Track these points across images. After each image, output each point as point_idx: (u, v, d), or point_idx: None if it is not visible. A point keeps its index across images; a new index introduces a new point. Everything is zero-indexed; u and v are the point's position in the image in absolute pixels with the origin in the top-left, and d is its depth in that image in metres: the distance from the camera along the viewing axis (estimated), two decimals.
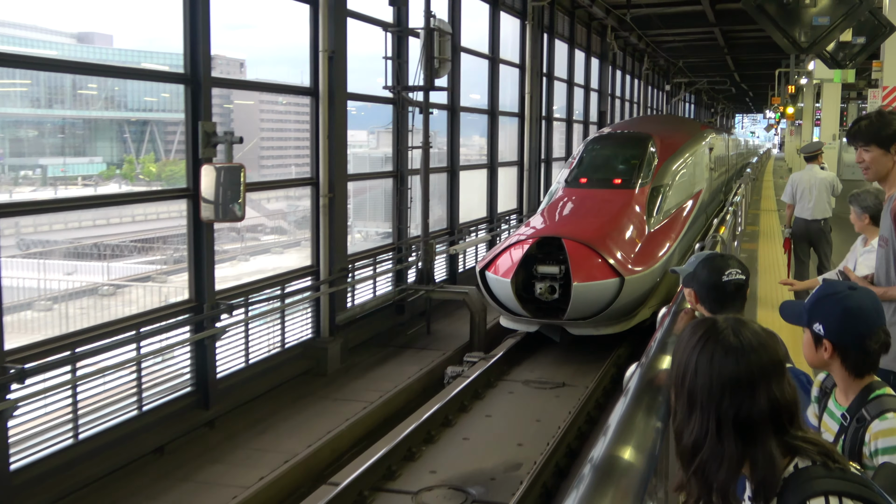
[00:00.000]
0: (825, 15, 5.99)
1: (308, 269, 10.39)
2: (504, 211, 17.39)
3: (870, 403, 2.33)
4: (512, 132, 18.21)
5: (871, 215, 5.20)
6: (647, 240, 10.55)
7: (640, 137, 12.66)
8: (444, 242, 14.12)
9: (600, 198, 11.16)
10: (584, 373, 10.05)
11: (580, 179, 11.88)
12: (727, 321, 1.83)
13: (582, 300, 9.55)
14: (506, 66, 17.21)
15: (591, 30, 24.26)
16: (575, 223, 10.40)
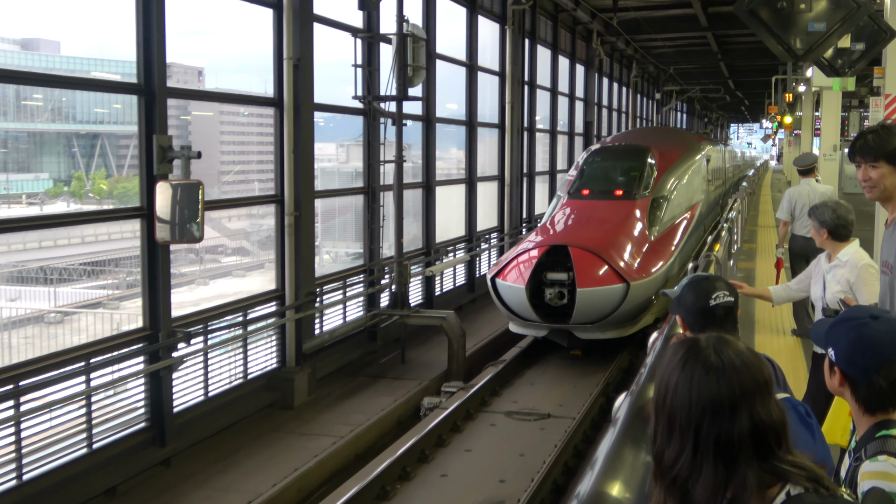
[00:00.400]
0: (821, 20, 6.09)
1: (272, 293, 10.36)
2: (484, 229, 17.46)
3: (872, 442, 2.34)
4: (492, 145, 18.32)
5: (829, 230, 5.34)
6: (649, 248, 11.78)
7: (638, 150, 13.91)
8: (420, 263, 14.14)
9: (603, 208, 12.42)
10: (570, 402, 10.08)
11: (582, 191, 13.07)
12: (709, 340, 1.86)
13: (587, 305, 10.63)
14: (485, 74, 17.33)
15: (575, 35, 24.50)
16: (581, 232, 11.62)
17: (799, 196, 10.09)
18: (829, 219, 5.32)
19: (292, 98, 10.21)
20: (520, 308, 11.14)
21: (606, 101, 30.06)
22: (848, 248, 5.28)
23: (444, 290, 15.34)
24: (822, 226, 5.36)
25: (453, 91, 16.50)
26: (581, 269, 10.71)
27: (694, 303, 3.14)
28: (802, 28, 6.26)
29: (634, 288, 10.74)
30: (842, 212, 5.32)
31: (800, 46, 6.26)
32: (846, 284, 5.19)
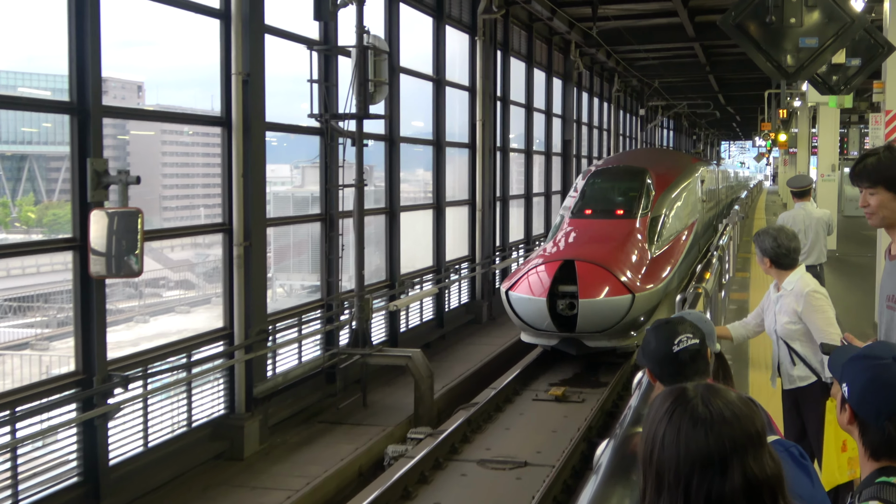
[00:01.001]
0: (813, 35, 6.23)
1: (220, 331, 10.33)
2: (454, 259, 17.54)
3: (869, 487, 2.39)
4: (462, 166, 18.45)
5: (771, 259, 5.47)
6: (650, 263, 13.87)
7: (636, 171, 16.01)
8: (383, 297, 14.16)
9: (605, 227, 14.52)
10: (549, 449, 10.11)
11: (585, 211, 15.17)
12: (697, 389, 1.90)
13: (596, 314, 12.62)
14: (453, 90, 17.49)
15: (552, 46, 24.79)
16: (590, 248, 13.65)
17: (793, 221, 10.28)
18: (769, 247, 5.47)
19: (241, 116, 10.25)
20: (537, 318, 13.05)
21: (586, 117, 30.39)
22: (791, 277, 5.43)
23: (409, 327, 15.35)
24: (763, 254, 5.52)
25: (419, 108, 16.62)
26: (592, 281, 12.77)
27: (656, 349, 3.17)
28: (793, 44, 6.40)
29: (639, 299, 12.81)
30: (783, 239, 5.46)
31: (791, 63, 6.39)
32: (794, 315, 5.33)
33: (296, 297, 13.29)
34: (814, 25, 6.43)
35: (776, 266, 5.47)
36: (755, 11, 6.36)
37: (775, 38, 6.43)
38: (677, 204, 15.87)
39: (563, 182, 26.70)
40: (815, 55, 6.36)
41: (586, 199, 15.45)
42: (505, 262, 20.24)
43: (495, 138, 19.40)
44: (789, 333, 5.39)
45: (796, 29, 6.39)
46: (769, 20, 6.37)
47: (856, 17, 6.50)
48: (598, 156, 32.63)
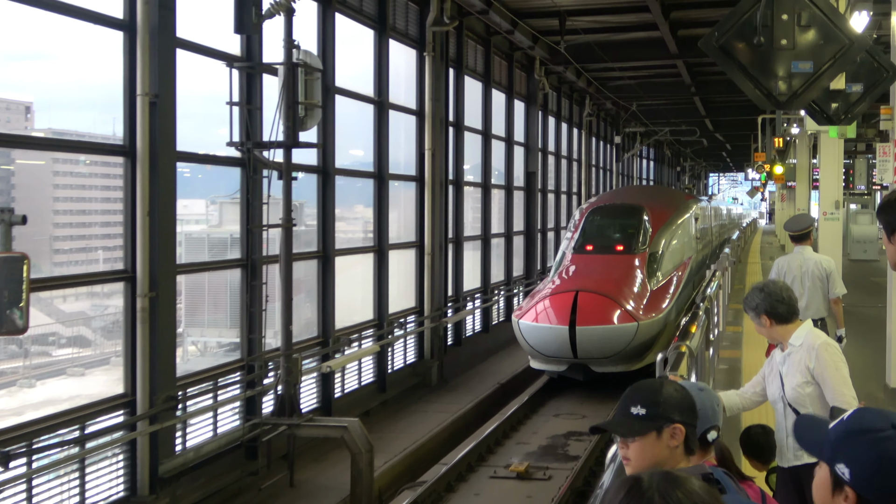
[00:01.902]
0: (807, 59, 6.37)
1: (120, 398, 10.22)
2: (398, 311, 17.56)
3: None
4: (408, 202, 18.54)
5: (767, 313, 5.54)
6: (651, 295, 17.50)
7: (633, 208, 19.76)
8: (315, 357, 14.12)
9: (607, 261, 18.14)
10: None
11: (586, 246, 18.89)
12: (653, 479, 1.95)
13: (598, 341, 16.25)
14: (398, 113, 17.63)
15: (513, 63, 25.08)
16: (594, 281, 17.14)
17: (788, 268, 10.40)
18: (760, 301, 5.55)
19: (148, 144, 10.24)
20: (554, 346, 16.52)
21: (553, 145, 30.69)
22: (799, 331, 5.50)
23: (346, 391, 15.31)
24: (757, 314, 5.58)
25: (358, 135, 16.70)
26: (600, 310, 16.42)
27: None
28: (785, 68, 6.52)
29: (642, 327, 16.45)
30: (773, 288, 5.55)
31: (783, 90, 6.50)
32: (806, 373, 5.36)
33: (211, 357, 13.18)
34: (808, 48, 6.56)
35: (776, 320, 5.52)
36: (741, 32, 6.48)
37: (765, 62, 6.56)
38: (673, 241, 19.68)
39: (527, 220, 26.89)
40: (809, 81, 6.49)
41: (587, 235, 19.25)
42: (459, 314, 20.28)
43: (447, 170, 19.53)
44: (800, 398, 5.38)
45: (788, 52, 6.52)
46: (757, 42, 6.49)
47: (855, 38, 6.66)
48: (567, 190, 32.93)
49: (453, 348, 20.28)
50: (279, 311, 12.35)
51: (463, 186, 21.08)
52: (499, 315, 24.29)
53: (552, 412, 16.82)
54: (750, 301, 5.60)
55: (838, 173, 22.83)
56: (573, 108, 33.68)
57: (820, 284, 10.37)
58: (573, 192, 34.06)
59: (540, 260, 28.33)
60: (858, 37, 6.81)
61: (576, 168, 34.64)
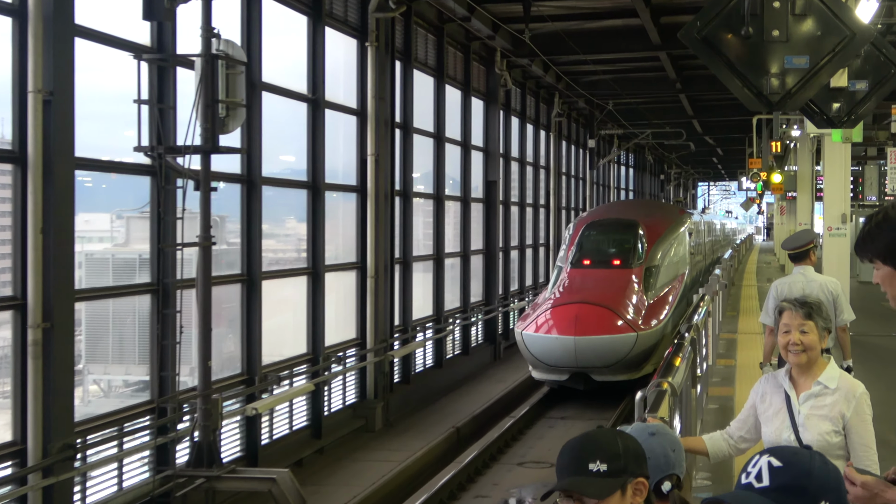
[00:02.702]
0: (803, 53, 6.41)
1: (8, 446, 10.13)
2: (336, 343, 17.50)
3: None
4: (348, 216, 18.53)
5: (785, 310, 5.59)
6: (648, 307, 21.11)
7: (628, 223, 23.56)
8: (238, 398, 14.05)
9: (604, 275, 21.77)
10: None
11: (583, 261, 22.44)
12: None
13: (600, 351, 19.70)
14: (336, 113, 17.65)
15: (469, 55, 25.15)
16: (593, 294, 20.72)
17: (789, 291, 10.39)
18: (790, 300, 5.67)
19: (41, 149, 10.16)
20: (559, 355, 19.95)
21: (517, 150, 30.80)
22: (831, 370, 5.49)
23: (275, 438, 15.24)
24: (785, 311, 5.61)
25: (290, 138, 16.69)
26: (601, 321, 19.98)
27: (560, 473, 3.30)
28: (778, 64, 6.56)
29: (641, 337, 20.05)
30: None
31: (775, 90, 6.54)
32: (838, 421, 5.34)
33: (116, 399, 13.08)
34: (804, 40, 6.60)
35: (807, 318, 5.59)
36: (727, 21, 6.51)
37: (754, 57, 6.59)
38: (668, 256, 23.32)
39: (487, 237, 26.91)
40: (806, 78, 6.54)
41: (584, 250, 22.83)
42: (407, 347, 20.27)
43: (393, 179, 19.54)
44: (829, 449, 5.29)
45: (781, 44, 6.56)
46: (745, 33, 6.52)
47: (857, 28, 6.71)
48: (533, 202, 33.01)
49: (401, 386, 20.25)
50: (196, 345, 12.28)
51: (412, 198, 21.12)
52: (454, 347, 24.30)
53: (516, 460, 16.81)
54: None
55: (845, 182, 22.78)
56: (540, 107, 33.82)
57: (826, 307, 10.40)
58: (540, 203, 34.12)
59: (502, 284, 28.35)
60: (861, 27, 6.86)
61: (543, 176, 34.73)
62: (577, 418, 20.39)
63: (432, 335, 22.57)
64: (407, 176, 20.83)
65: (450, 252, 24.09)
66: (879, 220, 3.46)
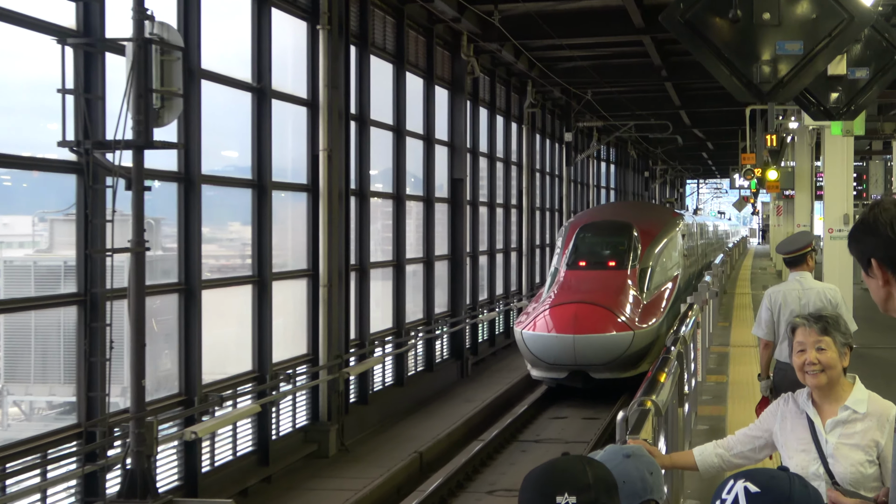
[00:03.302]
0: (796, 38, 6.46)
1: None
2: (285, 360, 17.48)
3: None
4: (298, 219, 18.53)
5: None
6: (644, 307, 24.05)
7: (622, 225, 26.57)
8: (176, 420, 14.03)
9: (600, 276, 24.75)
10: None
11: (579, 262, 25.47)
12: None
13: (599, 349, 22.67)
14: (285, 104, 17.66)
15: (433, 40, 25.18)
16: (591, 294, 23.70)
17: (784, 300, 10.48)
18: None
19: None
20: (560, 353, 22.93)
21: (486, 145, 30.84)
22: (858, 392, 5.36)
23: (217, 464, 15.22)
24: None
25: (233, 132, 16.68)
26: (599, 320, 23.00)
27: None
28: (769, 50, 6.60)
29: (638, 335, 22.97)
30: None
31: (766, 78, 6.58)
32: (872, 449, 5.21)
33: (39, 422, 13.04)
34: (797, 23, 6.64)
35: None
36: (714, 4, 6.54)
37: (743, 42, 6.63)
38: (662, 257, 26.40)
39: (453, 241, 26.93)
40: (800, 65, 6.58)
41: (579, 252, 25.79)
42: (364, 363, 20.25)
43: (348, 177, 19.52)
44: (863, 481, 5.20)
45: (773, 29, 6.60)
46: (733, 16, 6.55)
47: (856, 10, 6.76)
48: (504, 202, 33.03)
49: (357, 407, 20.26)
50: (128, 362, 12.26)
51: (369, 198, 21.16)
52: (416, 364, 24.33)
53: (485, 488, 16.87)
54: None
55: (847, 179, 22.85)
56: (511, 97, 33.89)
57: None
58: (511, 204, 34.18)
59: (470, 293, 28.39)
60: (860, 9, 6.92)
61: (515, 173, 34.80)
62: (555, 440, 20.48)
63: (392, 350, 22.58)
64: (363, 173, 20.83)
65: (411, 258, 24.10)
66: (858, 224, 3.53)
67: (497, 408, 23.14)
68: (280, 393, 17.08)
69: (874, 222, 3.36)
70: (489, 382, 26.04)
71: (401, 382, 22.92)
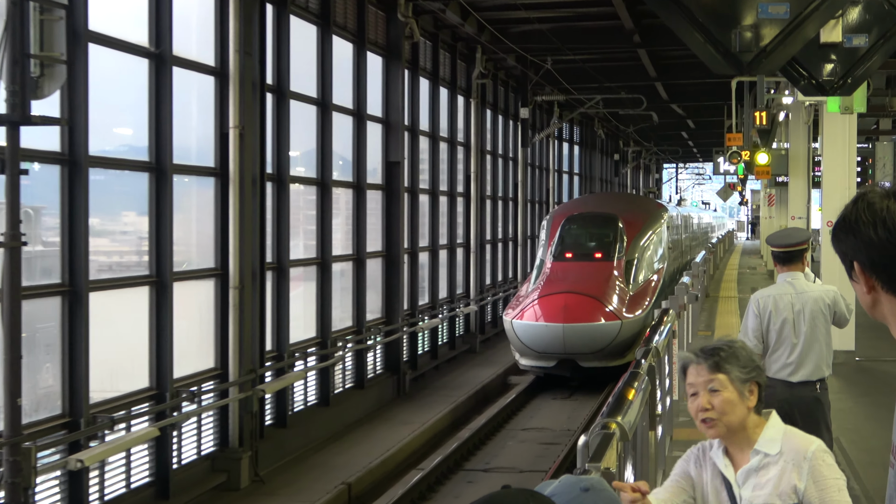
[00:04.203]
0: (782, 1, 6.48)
1: None
2: (189, 375, 17.44)
3: None
4: (204, 208, 18.49)
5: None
6: (630, 298, 28.57)
7: (607, 217, 31.16)
8: (59, 446, 13.99)
9: (587, 268, 29.15)
10: None
11: (565, 254, 29.96)
12: None
13: (587, 338, 27.05)
14: (189, 73, 17.65)
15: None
16: (578, 284, 27.92)
17: (775, 307, 10.55)
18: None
19: None
20: (550, 342, 27.26)
21: (427, 122, 30.93)
22: (769, 432, 5.31)
23: (107, 498, 15.17)
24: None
25: (126, 106, 16.64)
26: (588, 310, 27.16)
27: None
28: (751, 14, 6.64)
29: (625, 324, 27.19)
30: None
31: (747, 46, 6.59)
32: (790, 496, 5.22)
33: None
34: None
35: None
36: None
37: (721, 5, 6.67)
38: (647, 249, 31.05)
39: (388, 235, 26.98)
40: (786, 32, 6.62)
41: (565, 244, 30.42)
42: (283, 379, 20.25)
43: (263, 159, 19.50)
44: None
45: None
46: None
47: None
48: (449, 189, 33.07)
49: (274, 431, 20.29)
50: (1, 378, 12.22)
51: (289, 184, 21.19)
52: (344, 380, 24.34)
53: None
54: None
55: (849, 163, 22.99)
56: (458, 65, 34.00)
57: (824, 329, 10.51)
58: (458, 191, 34.28)
59: (408, 296, 28.43)
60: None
61: (462, 156, 34.98)
62: (506, 469, 20.57)
63: (316, 364, 22.58)
64: (282, 155, 20.82)
65: (339, 255, 24.14)
66: (839, 220, 3.50)
67: (440, 432, 23.20)
68: (182, 414, 17.01)
69: (855, 221, 3.29)
70: (431, 402, 26.10)
71: (326, 402, 22.94)
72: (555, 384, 29.46)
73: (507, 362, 30.96)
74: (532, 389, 28.83)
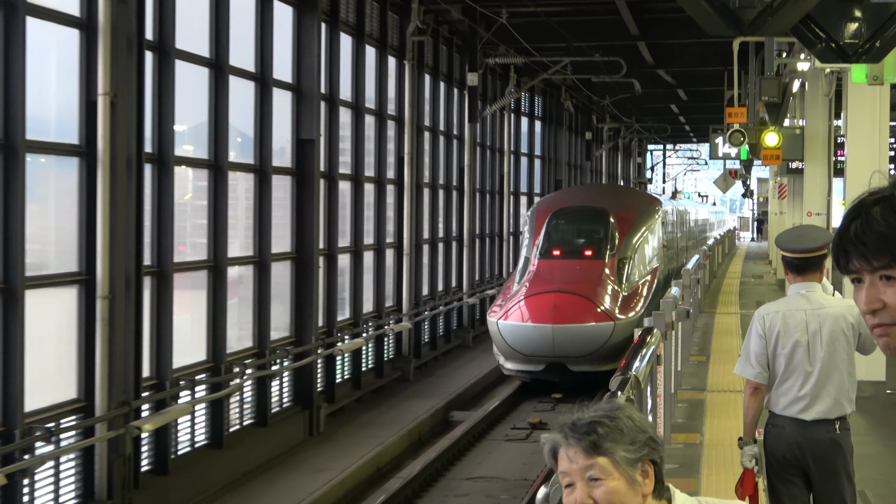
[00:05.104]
0: None
1: None
2: (45, 408, 17.38)
3: None
4: (65, 196, 18.44)
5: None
6: (623, 299, 33.69)
7: (597, 212, 35.66)
8: None
9: (576, 266, 34.22)
10: None
11: (553, 251, 34.64)
12: None
13: (578, 340, 31.89)
14: (45, 24, 17.60)
15: None
16: (568, 283, 32.97)
17: (784, 325, 10.59)
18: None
19: None
20: (538, 344, 31.52)
21: (350, 91, 30.90)
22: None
23: None
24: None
25: None
26: (578, 310, 31.75)
27: None
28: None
29: (618, 326, 31.49)
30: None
31: (748, 2, 6.59)
32: None
33: None
34: None
35: None
36: None
37: None
38: (641, 247, 35.00)
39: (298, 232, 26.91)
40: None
41: (552, 240, 34.42)
42: (164, 413, 20.19)
43: (141, 136, 19.45)
44: None
45: None
46: None
47: None
48: (376, 175, 33.05)
49: (153, 479, 20.27)
50: None
51: (172, 166, 21.13)
52: (242, 414, 24.29)
53: None
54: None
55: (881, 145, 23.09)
56: (388, 19, 34.09)
57: (845, 355, 10.50)
58: (388, 178, 34.21)
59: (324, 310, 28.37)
60: None
61: (394, 133, 35.03)
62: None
63: (206, 394, 22.52)
64: (165, 130, 20.78)
65: (237, 257, 24.15)
66: (885, 204, 3.37)
67: (362, 481, 23.22)
68: (36, 457, 16.95)
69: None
70: (351, 443, 26.06)
71: (219, 443, 22.92)
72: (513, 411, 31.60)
73: (448, 394, 31.05)
74: (480, 428, 28.74)
